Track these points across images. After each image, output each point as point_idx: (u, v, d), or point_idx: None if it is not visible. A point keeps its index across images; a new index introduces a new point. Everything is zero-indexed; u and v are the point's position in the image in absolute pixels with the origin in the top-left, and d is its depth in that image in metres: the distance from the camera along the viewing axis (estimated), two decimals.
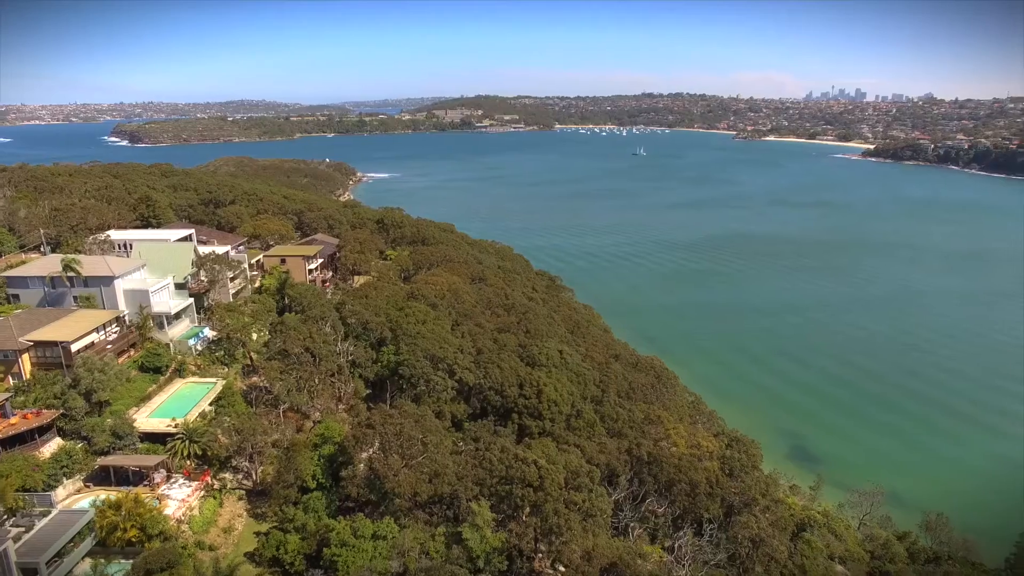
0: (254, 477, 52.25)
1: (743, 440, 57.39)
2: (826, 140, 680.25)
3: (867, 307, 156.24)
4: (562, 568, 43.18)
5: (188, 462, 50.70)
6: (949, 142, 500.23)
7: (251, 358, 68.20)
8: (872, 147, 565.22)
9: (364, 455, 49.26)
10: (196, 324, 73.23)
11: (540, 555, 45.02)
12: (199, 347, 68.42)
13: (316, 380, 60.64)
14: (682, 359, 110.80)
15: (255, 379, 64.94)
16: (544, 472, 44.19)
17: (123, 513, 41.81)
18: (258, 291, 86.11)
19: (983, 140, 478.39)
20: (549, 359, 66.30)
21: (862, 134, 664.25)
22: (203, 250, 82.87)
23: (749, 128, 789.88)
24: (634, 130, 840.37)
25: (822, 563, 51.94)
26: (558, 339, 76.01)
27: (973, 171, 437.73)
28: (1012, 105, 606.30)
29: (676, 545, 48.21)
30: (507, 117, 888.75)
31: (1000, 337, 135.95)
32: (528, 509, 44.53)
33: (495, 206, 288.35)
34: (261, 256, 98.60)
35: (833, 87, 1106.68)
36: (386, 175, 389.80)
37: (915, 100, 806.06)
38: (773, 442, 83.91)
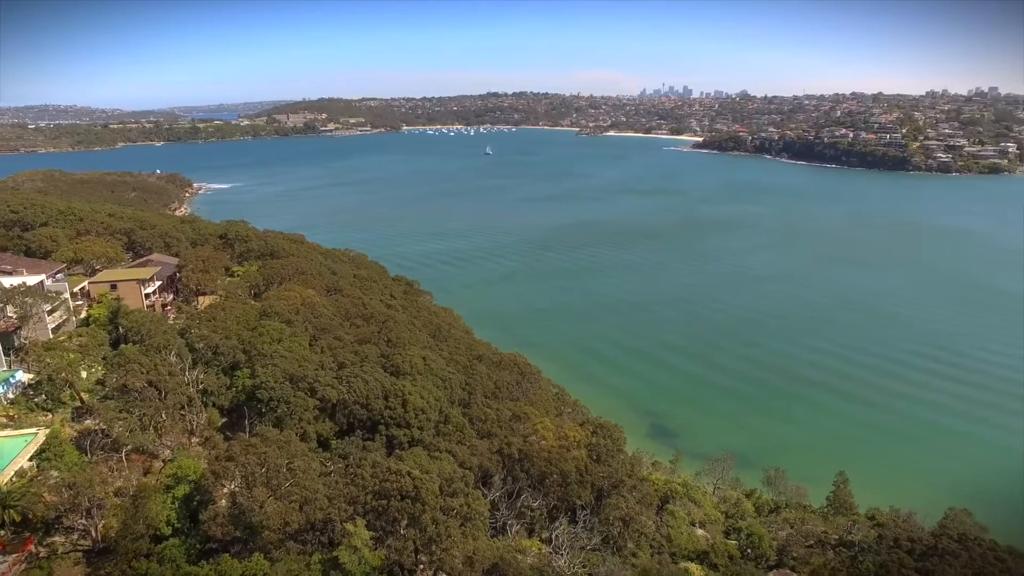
0: (94, 534, 46.51)
1: (607, 426, 60.61)
2: (661, 134, 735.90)
3: (708, 284, 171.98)
4: None
5: (0, 532, 43.98)
6: (763, 134, 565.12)
7: (81, 399, 60.98)
8: (700, 139, 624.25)
9: (225, 490, 45.94)
10: (5, 368, 64.05)
11: (422, 566, 44.65)
12: (10, 395, 59.91)
13: (163, 415, 55.52)
14: (544, 352, 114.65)
15: (89, 423, 58.12)
16: (419, 482, 43.81)
17: None
18: (85, 323, 77.21)
19: (788, 132, 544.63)
20: (413, 367, 65.83)
21: (691, 128, 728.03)
22: (8, 281, 72.71)
23: (591, 125, 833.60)
24: (481, 129, 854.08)
25: (685, 530, 56.44)
26: (421, 345, 75.66)
27: (783, 159, 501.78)
28: (808, 102, 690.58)
29: (553, 535, 49.93)
30: (352, 120, 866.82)
31: (822, 299, 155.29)
32: (406, 521, 43.93)
33: (347, 212, 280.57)
34: (86, 283, 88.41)
35: (664, 84, 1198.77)
36: (227, 185, 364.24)
37: (733, 96, 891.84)
38: (634, 424, 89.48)
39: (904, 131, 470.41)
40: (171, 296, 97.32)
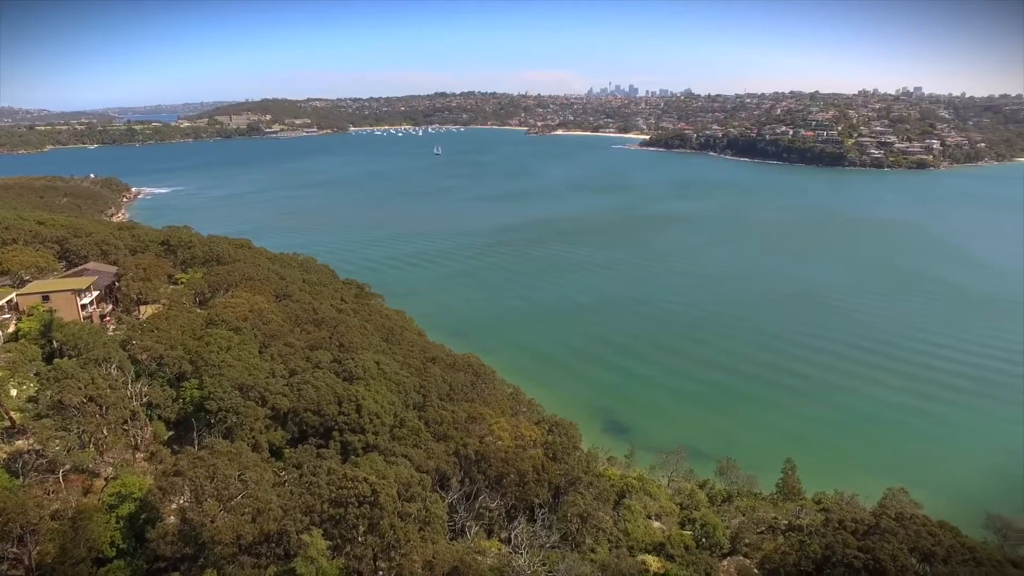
0: (27, 562, 43.96)
1: (562, 424, 61.20)
2: (608, 132, 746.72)
3: (657, 280, 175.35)
4: None
5: None
6: (707, 132, 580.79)
7: (11, 419, 57.94)
8: (647, 137, 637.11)
9: (174, 506, 44.44)
10: None
11: (381, 573, 44.19)
12: None
13: (104, 431, 53.28)
14: (498, 352, 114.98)
15: (21, 443, 55.36)
16: (376, 487, 43.35)
17: None
18: (14, 337, 73.35)
19: (732, 130, 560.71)
20: (366, 371, 65.04)
21: (638, 126, 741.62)
22: None
23: (539, 124, 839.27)
24: (430, 129, 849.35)
25: (642, 523, 57.43)
26: (374, 349, 74.80)
27: (727, 156, 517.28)
28: (749, 100, 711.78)
29: (512, 535, 50.14)
30: (298, 121, 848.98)
31: (767, 293, 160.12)
32: (364, 528, 43.39)
33: (295, 215, 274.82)
34: (14, 295, 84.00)
35: (610, 83, 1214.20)
36: (167, 189, 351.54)
37: (678, 95, 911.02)
38: (589, 421, 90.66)
39: (840, 128, 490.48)
40: (110, 306, 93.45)
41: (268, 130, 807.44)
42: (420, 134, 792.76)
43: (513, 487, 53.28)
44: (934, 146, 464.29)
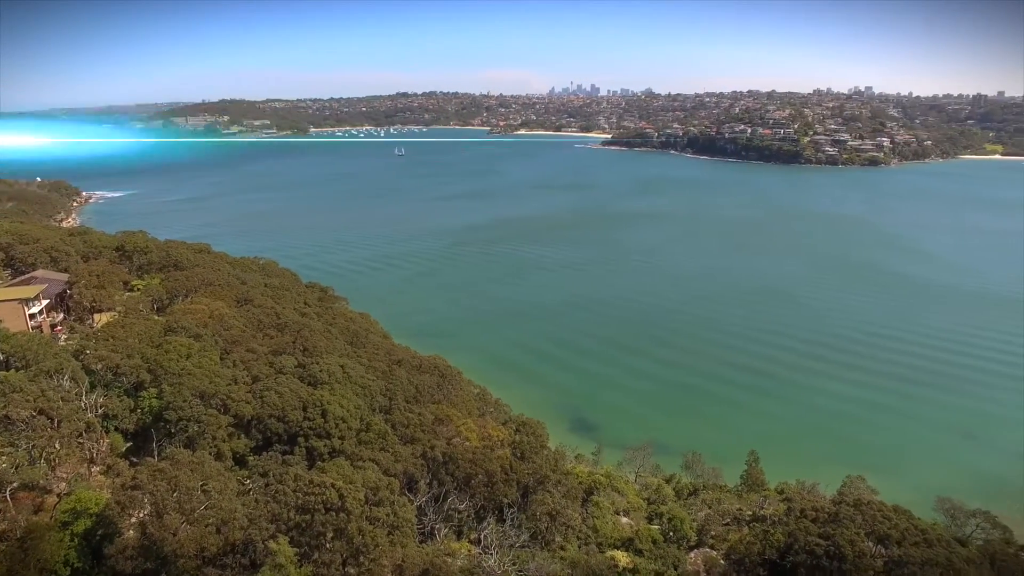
0: None
1: (530, 423, 61.42)
2: (571, 132, 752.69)
3: (620, 278, 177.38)
4: None
5: None
6: (668, 130, 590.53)
7: None
8: (609, 136, 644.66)
9: (133, 520, 43.18)
10: None
11: None
12: None
13: (57, 445, 51.48)
14: (463, 353, 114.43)
15: None
16: (344, 492, 42.90)
17: None
18: None
19: (692, 128, 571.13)
20: (331, 376, 64.27)
21: (600, 125, 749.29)
22: None
23: (502, 123, 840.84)
24: (391, 130, 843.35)
25: (610, 519, 57.99)
26: (338, 353, 73.94)
27: (687, 154, 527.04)
28: (708, 99, 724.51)
29: (482, 536, 50.14)
30: (257, 122, 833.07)
31: (730, 288, 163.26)
32: (331, 535, 42.89)
33: (255, 218, 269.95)
34: None
35: (572, 83, 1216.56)
36: (121, 193, 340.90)
37: (639, 94, 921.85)
38: (556, 419, 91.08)
39: (796, 127, 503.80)
40: (61, 316, 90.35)
41: (226, 132, 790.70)
42: (382, 135, 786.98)
43: (482, 488, 53.26)
44: (885, 144, 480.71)
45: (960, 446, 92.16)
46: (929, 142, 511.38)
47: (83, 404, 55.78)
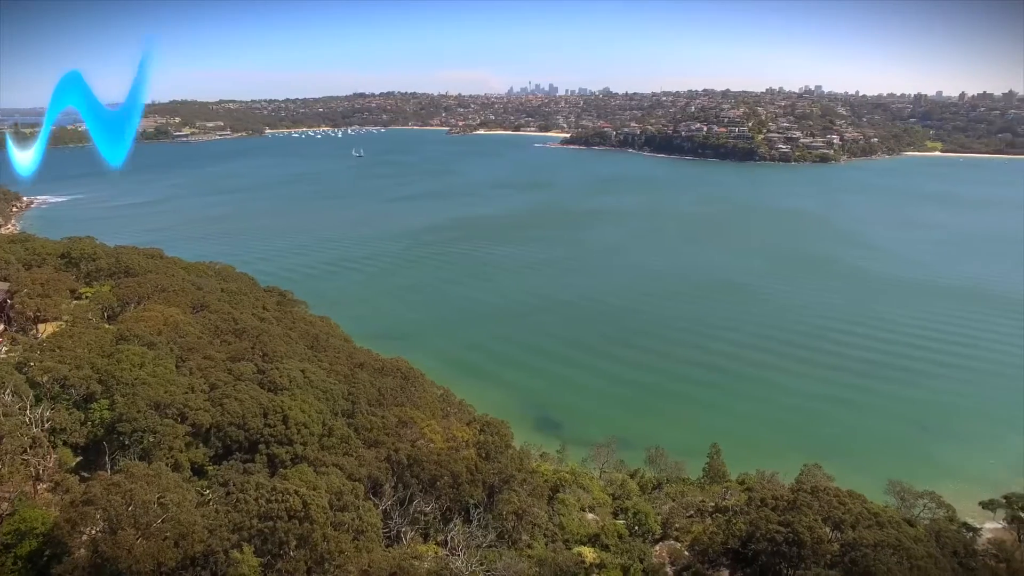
0: None
1: (494, 423, 61.40)
2: (530, 131, 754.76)
3: (580, 275, 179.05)
4: None
5: None
6: (626, 129, 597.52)
7: None
8: (568, 135, 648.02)
9: (84, 538, 41.60)
10: None
11: None
12: None
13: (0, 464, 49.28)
14: (426, 354, 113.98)
15: None
16: (307, 499, 42.23)
17: None
18: None
19: (649, 127, 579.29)
20: (292, 381, 63.18)
21: (559, 124, 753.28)
22: None
23: (461, 123, 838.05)
24: (349, 131, 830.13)
25: (576, 516, 58.43)
26: (299, 358, 72.76)
27: (645, 153, 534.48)
28: (665, 98, 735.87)
29: (449, 537, 49.97)
30: (210, 124, 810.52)
31: (691, 283, 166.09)
32: (295, 542, 42.16)
33: (210, 222, 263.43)
34: None
35: (530, 82, 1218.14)
36: (65, 198, 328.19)
37: (596, 93, 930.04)
38: (520, 418, 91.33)
39: (750, 125, 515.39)
40: (2, 327, 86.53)
41: (178, 133, 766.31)
42: (339, 136, 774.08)
43: (447, 489, 53.04)
44: (835, 141, 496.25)
45: (911, 433, 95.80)
46: (876, 139, 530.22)
47: (28, 419, 53.48)
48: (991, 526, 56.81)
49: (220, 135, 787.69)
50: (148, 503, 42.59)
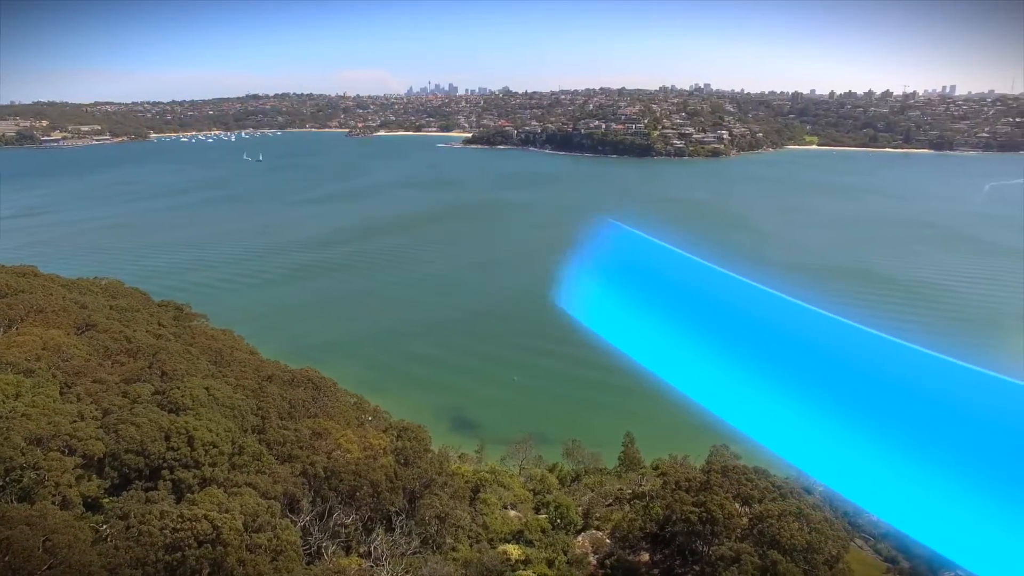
0: None
1: (411, 428, 60.60)
2: (431, 132, 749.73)
3: (486, 270, 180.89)
4: None
5: None
6: (527, 128, 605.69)
7: None
8: (470, 135, 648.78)
9: None
10: None
11: None
12: None
13: None
14: (336, 363, 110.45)
15: None
16: (218, 522, 40.09)
17: None
18: None
19: (549, 125, 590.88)
20: (195, 399, 59.54)
21: (460, 124, 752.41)
22: None
23: (361, 125, 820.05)
24: (243, 134, 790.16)
25: (499, 514, 58.76)
26: (202, 374, 68.59)
27: (546, 151, 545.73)
28: (564, 96, 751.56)
29: (371, 548, 48.99)
30: (85, 128, 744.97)
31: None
32: (208, 570, 39.92)
33: (92, 235, 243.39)
34: None
35: (430, 82, 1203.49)
36: None
37: (496, 93, 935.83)
38: (436, 421, 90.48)
39: (646, 122, 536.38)
40: None
41: (46, 138, 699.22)
42: (233, 139, 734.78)
43: (367, 499, 51.92)
44: (725, 136, 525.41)
45: None
46: (760, 134, 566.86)
47: None
48: None
49: (98, 140, 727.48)
50: (31, 550, 38.97)
